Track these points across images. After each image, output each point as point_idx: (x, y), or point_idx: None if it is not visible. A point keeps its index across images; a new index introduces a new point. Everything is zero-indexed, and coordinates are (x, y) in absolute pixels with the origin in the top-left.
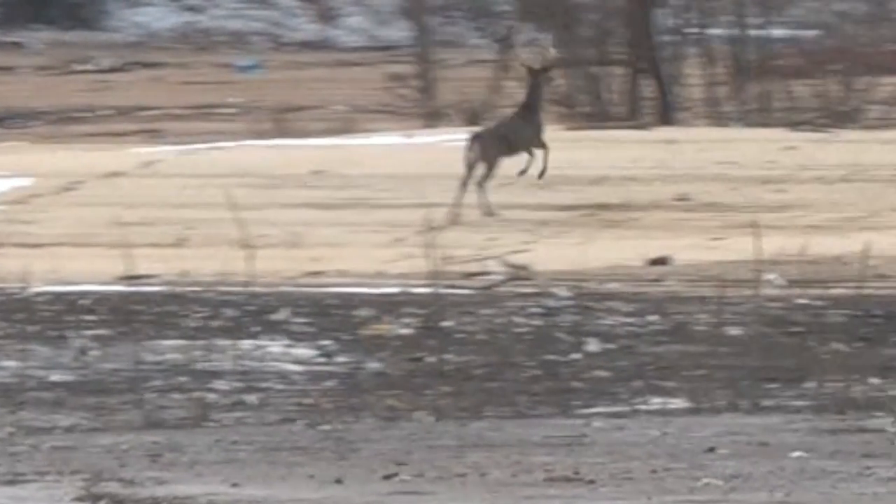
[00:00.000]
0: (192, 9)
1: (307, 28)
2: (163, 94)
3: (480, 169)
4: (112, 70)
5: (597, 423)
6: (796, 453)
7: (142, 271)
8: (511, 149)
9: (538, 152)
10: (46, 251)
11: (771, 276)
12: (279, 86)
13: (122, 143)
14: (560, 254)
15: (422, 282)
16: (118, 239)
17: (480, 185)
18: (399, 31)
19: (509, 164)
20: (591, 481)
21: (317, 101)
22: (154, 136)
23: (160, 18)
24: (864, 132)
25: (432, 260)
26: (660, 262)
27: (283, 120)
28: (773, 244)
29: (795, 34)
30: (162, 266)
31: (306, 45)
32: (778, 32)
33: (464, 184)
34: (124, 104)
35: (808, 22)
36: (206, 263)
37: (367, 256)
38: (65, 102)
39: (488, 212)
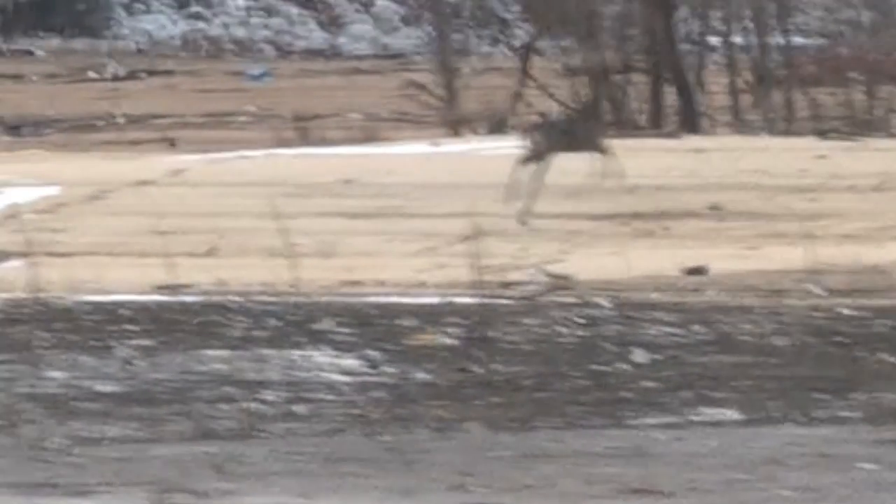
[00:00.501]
0: (197, 17)
1: (313, 36)
2: (175, 102)
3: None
4: (122, 78)
5: (655, 434)
6: (865, 465)
7: (177, 280)
8: (570, 144)
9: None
10: (79, 260)
11: (811, 286)
12: (291, 94)
13: (139, 151)
14: (594, 264)
15: (462, 291)
16: (150, 248)
17: (535, 182)
18: (405, 39)
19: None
20: (671, 493)
21: (331, 109)
22: (170, 144)
23: (165, 26)
24: (893, 141)
25: (476, 269)
26: (697, 271)
27: (304, 128)
28: (810, 253)
29: (803, 43)
30: (196, 275)
31: (313, 53)
32: (789, 40)
33: (517, 172)
34: (137, 112)
35: (812, 30)
36: (240, 273)
37: (401, 266)
38: (78, 110)
39: (523, 220)
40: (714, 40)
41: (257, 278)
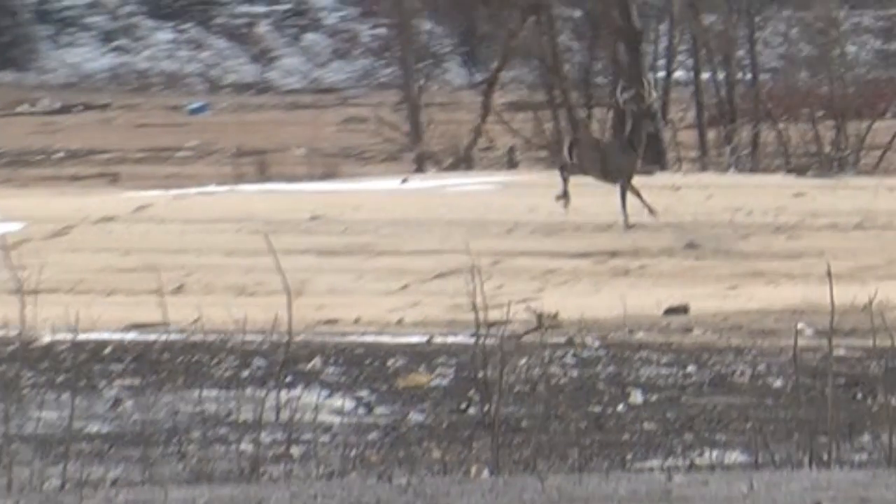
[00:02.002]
0: (123, 50)
1: (243, 69)
2: (113, 136)
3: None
4: (56, 112)
5: (678, 479)
6: None
7: (148, 319)
8: (602, 168)
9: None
10: (45, 298)
11: (800, 326)
12: (230, 128)
13: (80, 186)
14: (572, 303)
15: (447, 330)
16: (116, 285)
17: (562, 196)
18: (337, 73)
19: (515, 208)
20: None
21: (274, 144)
22: (111, 179)
23: (92, 59)
24: (872, 178)
25: (458, 308)
26: (678, 310)
27: (261, 164)
28: (789, 293)
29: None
30: (168, 313)
31: (244, 87)
32: (756, 75)
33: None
34: (74, 147)
35: (764, 66)
36: (211, 311)
37: (373, 304)
38: (13, 145)
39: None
40: (680, 75)
41: (231, 316)
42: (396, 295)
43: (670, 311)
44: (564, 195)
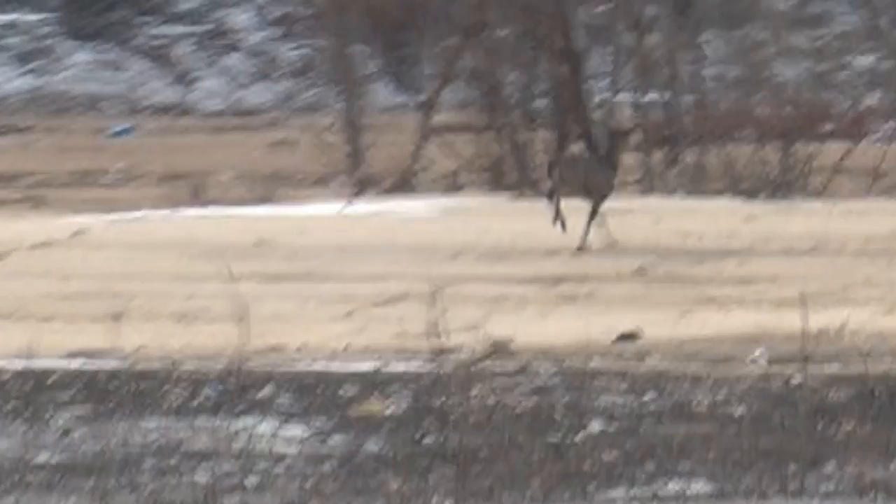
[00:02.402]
0: (42, 71)
1: (164, 91)
2: (35, 160)
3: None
4: None
5: None
6: None
7: (91, 346)
8: (584, 186)
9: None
10: None
11: (755, 354)
12: (156, 151)
13: (6, 212)
14: (522, 329)
15: (400, 357)
16: (58, 312)
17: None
18: (259, 95)
19: (462, 233)
20: None
21: (202, 167)
22: (34, 205)
23: (6, 81)
24: (824, 202)
25: (426, 337)
26: (629, 337)
27: (197, 187)
28: (743, 320)
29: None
30: (109, 340)
31: (164, 109)
32: (703, 97)
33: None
34: None
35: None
36: (154, 338)
37: (320, 331)
38: None
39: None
40: (623, 97)
41: (177, 343)
42: (342, 321)
43: (622, 337)
44: (558, 217)
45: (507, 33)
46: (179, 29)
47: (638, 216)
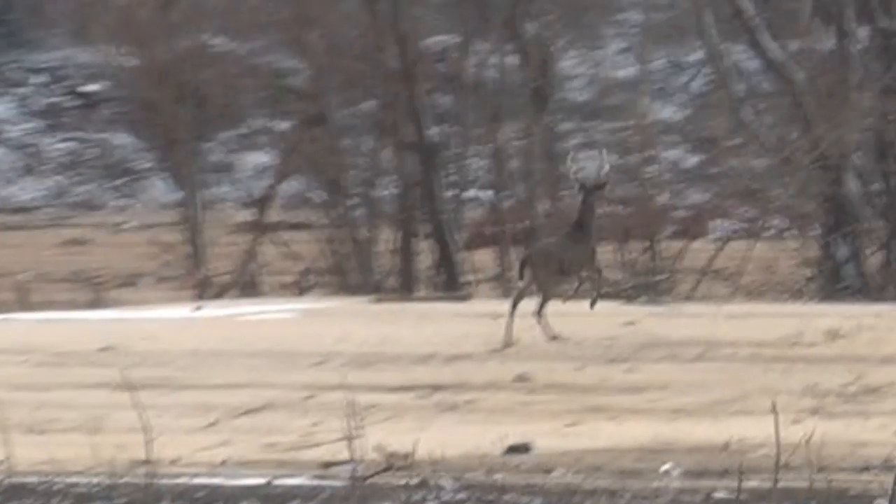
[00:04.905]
0: None
1: None
2: None
3: (535, 295)
4: None
5: None
6: None
7: None
8: (562, 271)
9: (591, 278)
10: None
11: (666, 466)
12: None
13: None
14: (399, 440)
15: (286, 472)
16: None
17: (538, 314)
18: (25, 192)
19: (323, 338)
20: None
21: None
22: None
23: None
24: (707, 306)
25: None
26: (519, 449)
27: (24, 290)
28: (638, 430)
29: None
30: None
31: None
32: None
33: (514, 306)
34: None
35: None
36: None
37: (181, 443)
38: None
39: (552, 336)
40: (475, 193)
41: (25, 457)
42: (204, 432)
43: (512, 449)
44: (508, 329)
45: (352, 124)
46: None
47: (514, 320)
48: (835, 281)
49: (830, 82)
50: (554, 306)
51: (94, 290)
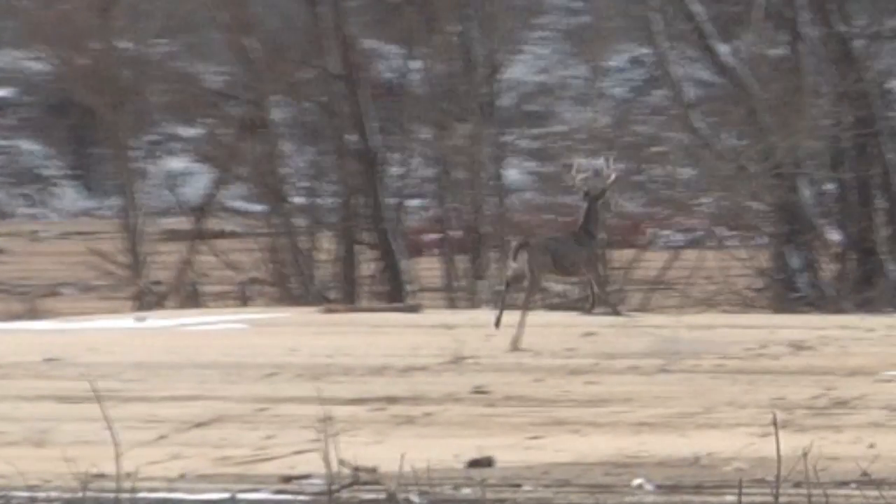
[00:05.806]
0: None
1: None
2: None
3: (524, 282)
4: None
5: None
6: None
7: None
8: (558, 267)
9: (591, 280)
10: None
11: (639, 481)
12: None
13: None
14: (354, 454)
15: (245, 486)
16: None
17: (524, 307)
18: None
19: (272, 349)
20: None
21: None
22: None
23: None
24: (661, 317)
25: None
26: (482, 463)
27: None
28: (601, 444)
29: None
30: None
31: None
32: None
33: (503, 297)
34: None
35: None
36: None
37: (131, 457)
38: None
39: (515, 346)
40: (418, 202)
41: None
42: (153, 446)
43: (474, 463)
44: (497, 323)
45: (293, 130)
46: None
47: (466, 330)
48: (788, 291)
49: (784, 88)
50: (509, 316)
51: (24, 300)
